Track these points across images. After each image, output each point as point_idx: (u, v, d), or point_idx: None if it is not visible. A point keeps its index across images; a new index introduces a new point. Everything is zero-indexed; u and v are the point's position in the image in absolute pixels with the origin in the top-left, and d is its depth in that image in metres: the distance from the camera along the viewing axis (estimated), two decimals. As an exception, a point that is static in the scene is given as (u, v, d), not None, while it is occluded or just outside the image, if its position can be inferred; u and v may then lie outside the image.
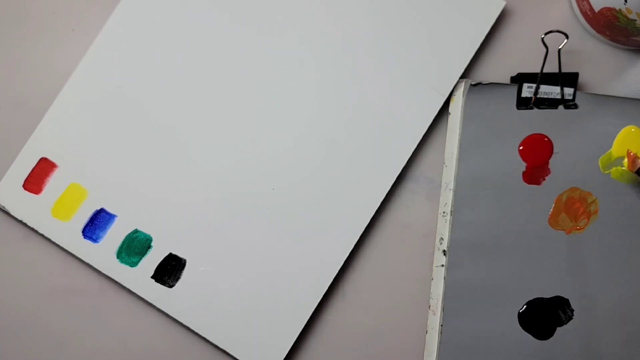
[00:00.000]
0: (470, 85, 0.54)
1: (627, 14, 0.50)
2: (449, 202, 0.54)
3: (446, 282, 0.54)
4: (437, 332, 0.54)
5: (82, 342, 0.55)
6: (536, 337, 0.55)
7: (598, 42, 0.57)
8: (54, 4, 0.55)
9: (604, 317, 0.55)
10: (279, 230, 0.54)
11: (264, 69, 0.54)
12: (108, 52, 0.53)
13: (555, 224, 0.55)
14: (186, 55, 0.54)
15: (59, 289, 0.55)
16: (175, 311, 0.54)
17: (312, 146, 0.54)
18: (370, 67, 0.55)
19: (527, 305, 0.55)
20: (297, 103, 0.54)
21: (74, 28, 0.55)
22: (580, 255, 0.55)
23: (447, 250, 0.54)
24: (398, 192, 0.56)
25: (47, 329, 0.55)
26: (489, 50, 0.56)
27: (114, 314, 0.55)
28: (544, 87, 0.54)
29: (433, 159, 0.56)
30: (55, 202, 0.53)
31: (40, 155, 0.53)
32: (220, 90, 0.54)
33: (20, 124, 0.54)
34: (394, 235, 0.56)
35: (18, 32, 0.54)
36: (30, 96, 0.54)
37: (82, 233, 0.53)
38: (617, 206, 0.55)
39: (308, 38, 0.54)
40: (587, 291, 0.55)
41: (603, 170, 0.55)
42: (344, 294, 0.56)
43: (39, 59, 0.55)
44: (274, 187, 0.54)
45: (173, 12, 0.54)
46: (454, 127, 0.54)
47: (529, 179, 0.54)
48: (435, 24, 0.55)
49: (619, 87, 0.57)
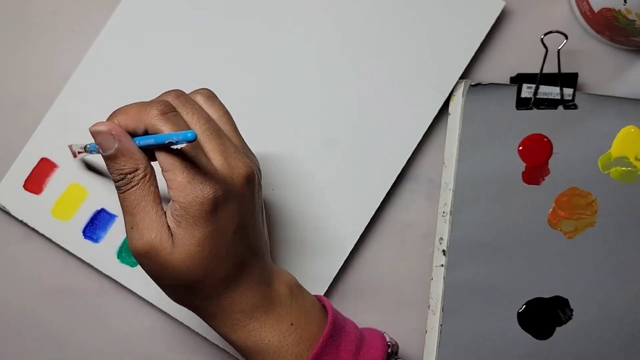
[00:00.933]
0: (470, 86, 0.54)
1: (627, 15, 0.50)
2: (448, 202, 0.54)
3: (446, 282, 0.54)
4: (436, 331, 0.54)
5: (82, 342, 0.55)
6: (535, 337, 0.55)
7: (597, 42, 0.57)
8: (54, 4, 0.55)
9: (603, 317, 0.55)
10: (278, 230, 0.54)
11: (264, 69, 0.54)
12: (109, 53, 0.53)
13: (554, 224, 0.55)
14: (186, 55, 0.54)
15: (59, 289, 0.55)
16: (176, 310, 0.54)
17: (312, 146, 0.54)
18: (370, 67, 0.55)
19: (527, 305, 0.55)
20: (296, 103, 0.54)
21: (75, 28, 0.55)
22: (579, 255, 0.55)
23: (446, 250, 0.54)
24: (398, 192, 0.56)
25: (47, 328, 0.55)
26: (488, 51, 0.56)
27: (114, 314, 0.55)
28: (544, 88, 0.54)
29: (433, 159, 0.56)
30: (55, 202, 0.53)
31: (40, 156, 0.53)
32: (220, 91, 0.54)
33: (21, 124, 0.54)
34: (394, 235, 0.56)
35: (18, 32, 0.54)
36: (30, 96, 0.54)
37: (83, 233, 0.53)
38: (616, 206, 0.55)
39: (308, 38, 0.54)
40: (586, 291, 0.55)
41: (603, 170, 0.55)
42: (344, 293, 0.56)
43: (40, 59, 0.55)
44: (273, 188, 0.54)
45: (173, 13, 0.54)
46: (454, 127, 0.54)
47: (528, 179, 0.54)
48: (435, 24, 0.55)
49: (618, 87, 0.57)
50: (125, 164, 0.41)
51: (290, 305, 0.46)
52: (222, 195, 0.41)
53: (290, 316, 0.45)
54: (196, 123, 0.42)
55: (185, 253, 0.41)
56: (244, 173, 0.42)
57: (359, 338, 0.47)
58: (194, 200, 0.40)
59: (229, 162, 0.42)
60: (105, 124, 0.42)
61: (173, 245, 0.41)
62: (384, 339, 0.48)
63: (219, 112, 0.44)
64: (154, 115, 0.41)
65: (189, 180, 0.40)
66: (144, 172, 0.42)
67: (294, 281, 0.47)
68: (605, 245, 0.55)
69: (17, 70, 0.54)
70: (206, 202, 0.40)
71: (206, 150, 0.42)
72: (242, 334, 0.45)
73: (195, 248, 0.41)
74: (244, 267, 0.44)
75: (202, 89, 0.45)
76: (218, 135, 0.42)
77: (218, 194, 0.41)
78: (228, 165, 0.42)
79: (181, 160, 0.40)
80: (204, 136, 0.42)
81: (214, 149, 0.42)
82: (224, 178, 0.41)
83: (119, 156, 0.41)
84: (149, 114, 0.41)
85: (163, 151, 0.41)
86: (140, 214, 0.42)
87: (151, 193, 0.42)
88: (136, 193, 0.42)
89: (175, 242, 0.41)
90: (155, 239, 0.41)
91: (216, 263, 0.42)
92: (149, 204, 0.42)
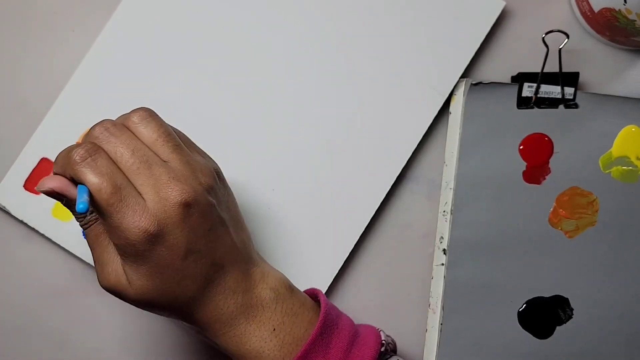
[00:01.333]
0: (471, 85, 0.54)
1: (627, 15, 0.51)
2: (449, 201, 0.54)
3: (446, 281, 0.54)
4: (437, 330, 0.54)
5: (82, 342, 0.55)
6: (536, 336, 0.55)
7: (598, 42, 0.57)
8: (55, 4, 0.55)
9: (603, 317, 0.55)
10: (279, 231, 0.54)
11: (264, 70, 0.54)
12: (109, 53, 0.53)
13: (555, 223, 0.55)
14: (187, 56, 0.54)
15: (59, 289, 0.54)
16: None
17: (312, 146, 0.54)
18: (371, 68, 0.55)
19: (527, 304, 0.55)
20: (296, 103, 0.54)
21: (75, 28, 0.55)
22: (580, 254, 0.55)
23: (447, 249, 0.54)
24: (398, 192, 0.56)
25: (47, 328, 0.55)
26: (489, 50, 0.56)
27: (114, 314, 0.55)
28: (545, 87, 0.54)
29: (433, 159, 0.56)
30: (55, 203, 0.53)
31: (41, 156, 0.53)
32: (220, 91, 0.54)
33: (21, 125, 0.54)
34: (394, 235, 0.56)
35: (18, 33, 0.54)
36: (31, 97, 0.54)
37: (83, 233, 0.53)
38: (617, 206, 0.55)
39: (308, 38, 0.54)
40: (587, 290, 0.55)
41: (604, 169, 0.55)
42: (344, 293, 0.56)
43: (40, 59, 0.55)
44: (274, 188, 0.54)
45: (174, 13, 0.54)
46: (455, 127, 0.54)
47: (529, 178, 0.54)
48: (436, 24, 0.55)
49: (618, 87, 0.57)
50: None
51: (274, 310, 0.46)
52: (155, 231, 0.41)
53: (272, 321, 0.45)
54: (120, 159, 0.41)
55: (139, 288, 0.43)
56: (177, 202, 0.41)
57: (352, 335, 0.47)
58: (126, 242, 0.41)
59: (160, 194, 0.41)
60: (46, 182, 0.42)
61: (127, 282, 0.43)
62: (379, 336, 0.48)
63: (154, 134, 0.43)
64: (74, 163, 0.41)
65: (117, 225, 0.41)
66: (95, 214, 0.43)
67: (283, 283, 0.47)
68: (606, 244, 0.55)
69: (17, 70, 0.54)
70: (138, 241, 0.41)
71: (136, 185, 0.41)
72: (224, 340, 0.45)
73: (145, 282, 0.42)
74: (209, 284, 0.44)
75: (138, 109, 0.44)
76: (147, 166, 0.41)
77: (150, 231, 0.41)
78: (159, 198, 0.41)
79: (105, 207, 0.41)
80: (131, 171, 0.41)
81: (143, 184, 0.41)
82: (155, 212, 0.41)
83: (71, 205, 0.43)
84: (69, 162, 0.41)
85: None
86: (98, 249, 0.44)
87: (96, 241, 0.44)
88: (93, 230, 0.44)
89: (128, 277, 0.43)
90: (114, 278, 0.43)
91: (174, 289, 0.43)
92: (105, 239, 0.43)
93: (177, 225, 0.41)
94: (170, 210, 0.41)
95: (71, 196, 0.42)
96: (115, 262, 0.43)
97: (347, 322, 0.48)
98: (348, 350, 0.46)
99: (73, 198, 0.42)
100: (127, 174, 0.41)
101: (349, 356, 0.46)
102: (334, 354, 0.45)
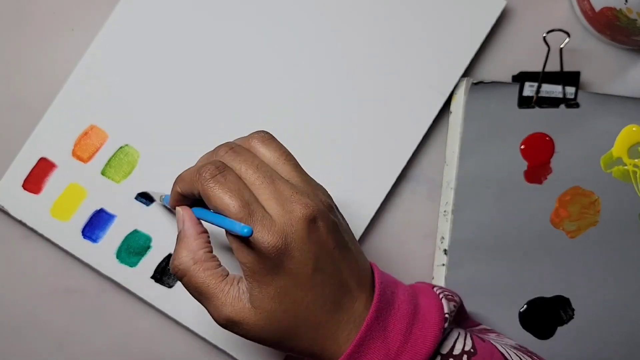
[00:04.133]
0: (472, 84, 0.54)
1: (628, 14, 0.50)
2: (450, 201, 0.54)
3: (447, 281, 0.54)
4: (438, 331, 0.54)
5: (82, 342, 0.55)
6: (537, 337, 0.55)
7: (598, 41, 0.57)
8: (54, 4, 0.55)
9: (605, 317, 0.55)
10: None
11: (263, 70, 0.54)
12: (108, 52, 0.53)
13: (556, 223, 0.55)
14: (186, 55, 0.54)
15: (59, 289, 0.54)
16: (175, 311, 0.53)
17: (312, 146, 0.54)
18: (371, 67, 0.54)
19: (528, 305, 0.55)
20: (297, 103, 0.54)
21: (74, 28, 0.55)
22: (581, 254, 0.55)
23: (447, 249, 0.54)
24: (399, 192, 0.56)
25: (47, 329, 0.54)
26: (490, 50, 0.56)
27: (114, 314, 0.55)
28: (546, 86, 0.54)
29: (434, 159, 0.56)
30: (54, 202, 0.53)
31: (39, 155, 0.53)
32: (220, 91, 0.54)
33: (20, 124, 0.54)
34: (394, 235, 0.56)
35: (18, 32, 0.54)
36: (29, 96, 0.54)
37: (82, 233, 0.53)
38: (618, 205, 0.55)
39: (307, 38, 0.54)
40: (588, 291, 0.55)
41: (605, 169, 0.55)
42: (344, 294, 0.56)
43: (39, 58, 0.54)
44: (274, 187, 0.54)
45: (173, 13, 0.54)
46: (456, 126, 0.54)
47: (530, 177, 0.54)
48: (436, 23, 0.55)
49: (619, 86, 0.57)
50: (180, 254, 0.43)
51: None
52: (283, 244, 0.40)
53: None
54: (245, 174, 0.42)
55: (264, 312, 0.42)
56: (302, 215, 0.41)
57: (412, 313, 0.44)
58: (254, 259, 0.41)
59: (285, 208, 0.41)
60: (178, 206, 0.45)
61: (251, 308, 0.42)
62: (441, 308, 0.45)
63: (275, 154, 0.44)
64: (203, 180, 0.41)
65: (246, 240, 0.40)
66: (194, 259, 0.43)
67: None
68: (607, 244, 0.55)
69: (16, 69, 0.54)
70: (268, 255, 0.40)
71: (261, 200, 0.41)
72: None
73: (272, 305, 0.42)
74: (338, 309, 0.43)
75: (257, 132, 0.45)
76: (271, 181, 0.42)
77: (278, 245, 0.40)
78: (284, 212, 0.41)
79: None
80: (255, 186, 0.42)
81: (269, 198, 0.41)
82: (282, 226, 0.41)
83: (178, 242, 0.44)
84: (199, 179, 0.42)
85: None
86: (213, 280, 0.43)
87: (208, 276, 0.43)
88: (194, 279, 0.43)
89: (252, 303, 0.42)
90: (232, 313, 0.42)
91: (301, 311, 0.42)
92: (210, 285, 0.43)
93: (303, 239, 0.41)
94: (297, 224, 0.41)
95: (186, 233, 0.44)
96: (231, 301, 0.42)
97: (403, 299, 0.45)
98: (408, 332, 0.44)
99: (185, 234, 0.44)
100: (251, 189, 0.42)
101: (410, 338, 0.43)
102: (393, 337, 0.43)
